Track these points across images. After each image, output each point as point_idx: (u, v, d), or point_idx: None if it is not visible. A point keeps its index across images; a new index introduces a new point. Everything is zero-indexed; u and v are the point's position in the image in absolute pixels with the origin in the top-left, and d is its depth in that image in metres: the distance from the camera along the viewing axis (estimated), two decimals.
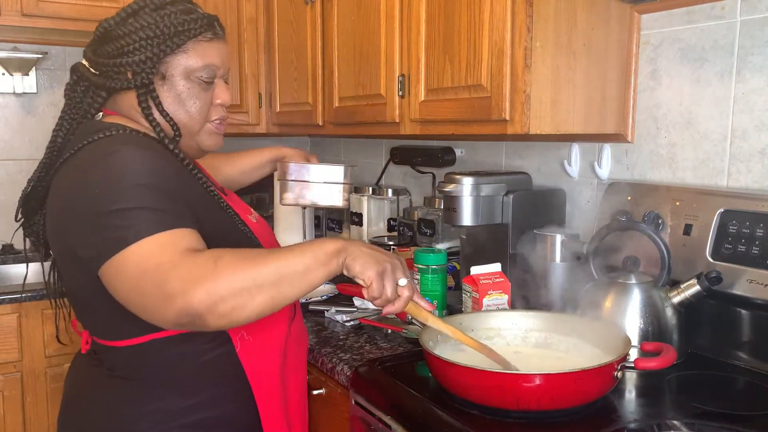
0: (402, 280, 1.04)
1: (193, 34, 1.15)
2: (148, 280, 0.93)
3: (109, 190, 0.99)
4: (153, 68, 1.13)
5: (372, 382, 1.28)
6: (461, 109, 1.53)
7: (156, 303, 0.93)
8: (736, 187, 1.40)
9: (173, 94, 1.16)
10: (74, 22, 2.38)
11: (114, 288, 0.98)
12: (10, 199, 2.70)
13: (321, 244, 1.00)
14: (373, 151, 2.70)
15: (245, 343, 1.14)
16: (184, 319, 0.92)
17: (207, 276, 0.92)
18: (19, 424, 2.16)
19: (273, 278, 0.95)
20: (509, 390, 1.05)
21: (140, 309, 0.96)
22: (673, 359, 1.12)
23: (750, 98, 1.37)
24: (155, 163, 1.04)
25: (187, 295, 0.90)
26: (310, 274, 0.97)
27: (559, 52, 1.42)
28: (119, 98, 1.17)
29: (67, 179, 1.07)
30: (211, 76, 1.18)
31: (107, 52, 1.14)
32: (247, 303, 0.93)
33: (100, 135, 1.07)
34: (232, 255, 0.95)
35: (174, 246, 0.95)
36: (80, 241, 1.01)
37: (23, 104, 2.72)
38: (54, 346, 2.19)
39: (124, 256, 0.95)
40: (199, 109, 1.18)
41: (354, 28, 1.95)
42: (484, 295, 1.50)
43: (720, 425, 1.06)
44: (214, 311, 0.92)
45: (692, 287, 1.31)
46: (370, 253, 1.02)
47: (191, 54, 1.16)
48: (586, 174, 1.74)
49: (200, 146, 1.23)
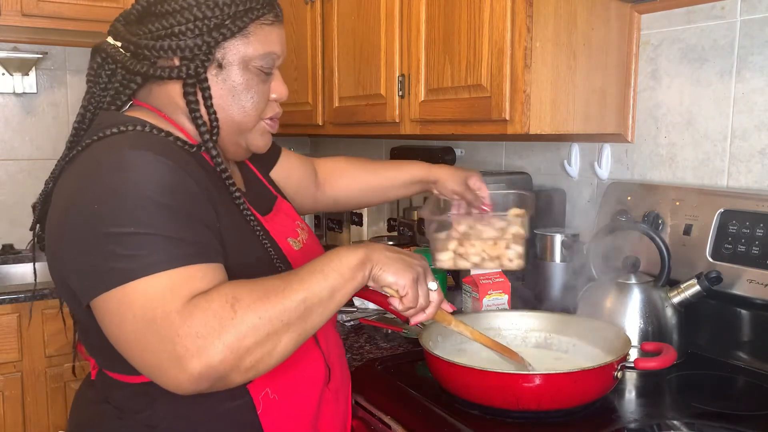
0: (432, 283, 0.95)
1: (255, 15, 0.96)
2: (154, 333, 0.76)
3: (111, 207, 0.80)
4: (208, 55, 0.94)
5: (372, 382, 1.28)
6: (461, 109, 1.53)
7: (164, 365, 0.76)
8: (736, 187, 1.40)
9: (227, 86, 0.97)
10: (74, 22, 2.39)
11: (108, 330, 0.82)
12: (10, 199, 2.72)
13: (341, 258, 0.87)
14: (373, 151, 2.70)
15: (269, 402, 0.96)
16: (203, 384, 0.77)
17: (226, 326, 0.76)
18: (19, 424, 2.16)
19: (299, 312, 0.81)
20: (509, 390, 1.04)
21: (143, 366, 0.80)
22: (674, 359, 1.12)
23: (750, 98, 1.37)
24: (175, 176, 0.84)
25: (205, 356, 0.75)
26: (336, 296, 0.85)
27: (559, 52, 1.42)
28: (156, 88, 0.98)
29: (66, 185, 0.89)
30: (270, 65, 1.00)
31: (149, 32, 0.94)
32: (276, 347, 0.80)
33: (113, 130, 0.89)
34: (250, 292, 0.80)
35: (188, 288, 0.78)
36: (70, 266, 0.84)
37: (23, 104, 2.72)
38: (54, 346, 2.19)
39: (124, 295, 0.78)
40: (255, 104, 0.99)
41: (354, 28, 1.95)
42: (484, 295, 1.50)
43: (720, 425, 1.05)
44: (239, 367, 0.77)
45: (692, 287, 1.31)
46: (398, 258, 0.91)
47: (252, 39, 0.97)
48: (586, 174, 1.74)
49: (249, 146, 1.04)
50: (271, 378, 0.95)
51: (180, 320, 0.76)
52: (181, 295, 0.77)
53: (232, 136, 1.00)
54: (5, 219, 2.73)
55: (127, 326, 0.78)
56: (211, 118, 0.96)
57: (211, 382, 0.77)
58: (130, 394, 0.93)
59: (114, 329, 0.80)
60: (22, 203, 2.72)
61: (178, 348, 0.75)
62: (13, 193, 2.73)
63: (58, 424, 2.21)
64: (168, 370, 0.76)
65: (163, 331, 0.76)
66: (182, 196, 0.84)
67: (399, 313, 0.94)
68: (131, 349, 0.80)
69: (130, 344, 0.79)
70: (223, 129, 0.98)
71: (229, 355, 0.76)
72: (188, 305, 0.77)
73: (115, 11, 2.49)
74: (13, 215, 2.73)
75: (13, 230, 2.73)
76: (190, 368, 0.75)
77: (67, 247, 0.84)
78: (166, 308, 0.76)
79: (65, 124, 2.80)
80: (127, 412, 0.94)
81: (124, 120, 0.92)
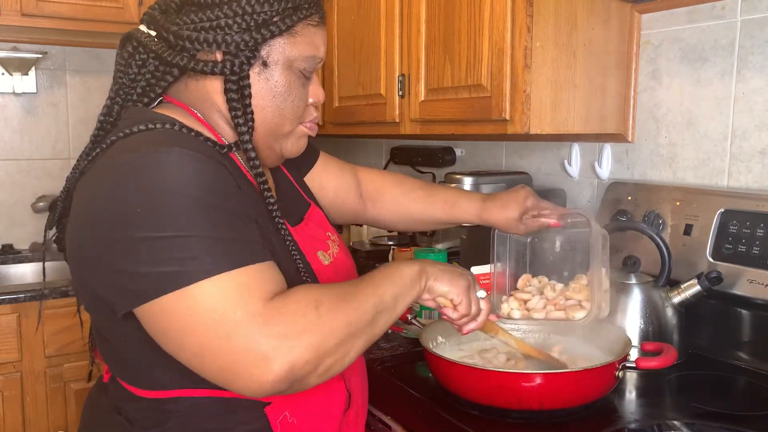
0: (481, 292, 0.98)
1: (303, 14, 0.92)
2: (234, 335, 0.73)
3: (150, 208, 0.75)
4: (254, 52, 0.89)
5: (372, 382, 1.28)
6: (461, 109, 1.53)
7: (247, 367, 0.73)
8: (737, 187, 1.40)
9: (269, 86, 0.91)
10: (74, 22, 2.38)
11: (163, 337, 0.78)
12: (9, 199, 2.72)
13: (401, 269, 0.90)
14: (373, 151, 2.70)
15: (287, 426, 0.92)
16: (284, 385, 0.75)
17: (311, 328, 0.76)
18: (18, 424, 2.16)
19: (371, 317, 0.82)
20: (510, 390, 1.04)
21: (216, 370, 0.76)
22: (674, 359, 1.12)
23: (750, 98, 1.37)
24: (216, 174, 0.80)
25: (292, 355, 0.74)
26: (399, 304, 0.87)
27: (559, 52, 1.42)
28: (193, 83, 0.92)
29: (89, 186, 0.82)
30: (312, 68, 0.96)
31: (191, 22, 0.88)
32: (349, 351, 0.80)
33: (140, 127, 0.83)
34: (331, 294, 0.80)
35: (262, 289, 0.76)
36: (104, 273, 0.79)
37: (23, 104, 2.72)
38: (54, 347, 2.18)
39: (185, 299, 0.74)
40: (294, 107, 0.95)
41: (354, 27, 1.95)
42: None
43: (720, 425, 1.05)
44: (318, 369, 0.77)
45: (692, 287, 1.30)
46: (450, 270, 0.95)
47: (299, 40, 0.93)
48: (586, 174, 1.74)
49: (283, 151, 0.99)
50: (290, 401, 0.92)
51: (264, 321, 0.74)
52: (258, 297, 0.75)
53: (266, 139, 0.95)
54: (5, 219, 2.73)
55: (192, 332, 0.74)
56: (248, 118, 0.91)
57: (291, 383, 0.75)
58: (143, 408, 0.89)
59: (173, 336, 0.76)
60: (22, 203, 2.72)
61: (264, 348, 0.73)
62: (12, 193, 2.73)
63: (57, 424, 2.21)
64: (252, 372, 0.73)
65: (248, 333, 0.73)
66: (224, 194, 0.79)
67: (452, 322, 0.99)
68: (199, 355, 0.75)
69: (199, 350, 0.75)
70: (258, 131, 0.93)
71: (313, 357, 0.75)
72: (269, 306, 0.75)
73: (115, 11, 2.51)
74: (13, 215, 2.73)
75: (13, 230, 2.73)
76: (276, 368, 0.73)
77: (98, 251, 0.78)
78: (247, 309, 0.74)
79: (65, 124, 2.80)
80: (137, 426, 0.90)
81: (152, 117, 0.86)
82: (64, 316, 2.18)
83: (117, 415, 0.92)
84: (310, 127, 1.00)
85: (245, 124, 0.90)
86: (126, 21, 2.43)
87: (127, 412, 0.91)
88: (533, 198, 1.22)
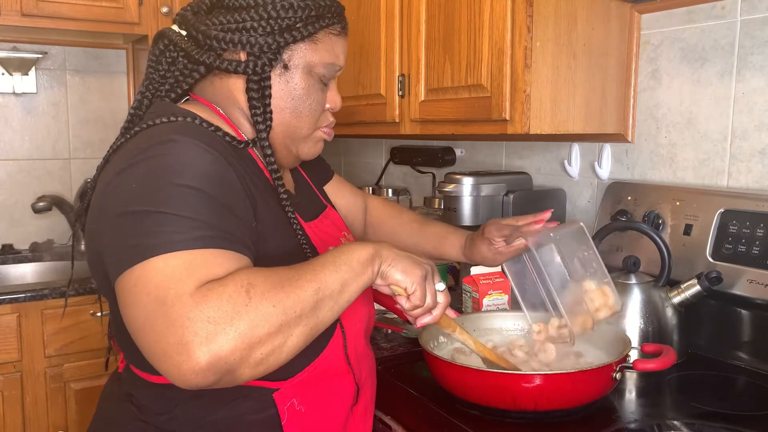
0: (440, 284, 0.93)
1: (326, 23, 0.98)
2: (163, 315, 0.71)
3: (146, 186, 0.78)
4: (276, 54, 0.94)
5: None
6: (461, 109, 1.53)
7: (169, 350, 0.70)
8: (737, 187, 1.40)
9: (288, 88, 0.96)
10: (74, 22, 2.38)
11: (123, 311, 0.77)
12: (9, 199, 2.72)
13: (352, 252, 0.84)
14: (373, 151, 2.70)
15: (294, 414, 0.92)
16: (209, 377, 0.70)
17: (239, 312, 0.71)
18: (18, 424, 2.16)
19: (312, 304, 0.77)
20: (508, 390, 1.04)
21: (148, 351, 0.73)
22: (673, 361, 1.12)
23: (750, 98, 1.37)
24: (216, 166, 0.82)
25: (215, 343, 0.69)
26: (346, 291, 0.82)
27: (559, 52, 1.42)
28: (218, 81, 0.97)
29: (109, 169, 0.86)
30: (331, 75, 1.01)
31: (219, 23, 0.94)
32: (287, 341, 0.75)
33: (163, 119, 0.88)
34: (265, 279, 0.75)
35: (204, 271, 0.73)
36: (104, 245, 0.81)
37: (23, 104, 2.72)
38: (54, 346, 2.18)
39: (141, 273, 0.73)
40: (312, 111, 0.99)
41: (354, 27, 1.94)
42: (484, 296, 1.49)
43: (720, 425, 1.05)
44: (248, 360, 0.72)
45: (692, 287, 1.30)
46: (406, 256, 0.89)
47: (320, 47, 0.98)
48: (586, 174, 1.74)
49: (299, 154, 1.03)
50: (297, 389, 0.92)
51: (192, 303, 0.70)
52: (197, 278, 0.72)
53: (283, 139, 0.99)
54: (5, 219, 2.73)
55: (139, 306, 0.73)
56: (267, 117, 0.95)
57: (218, 375, 0.70)
58: (153, 394, 0.90)
59: (127, 309, 0.75)
60: (22, 203, 2.72)
61: (186, 333, 0.69)
62: (12, 193, 2.73)
63: (57, 424, 2.21)
64: (172, 356, 0.69)
65: (173, 314, 0.70)
66: (219, 185, 0.81)
67: (405, 313, 0.92)
68: (139, 331, 0.74)
69: (140, 326, 0.73)
70: (275, 130, 0.98)
71: (240, 345, 0.70)
72: (202, 288, 0.72)
73: (115, 11, 2.51)
74: (13, 215, 2.73)
75: (13, 230, 2.73)
76: (197, 356, 0.68)
77: (103, 225, 0.81)
78: (179, 290, 0.71)
79: (65, 124, 2.80)
80: (147, 413, 0.91)
81: (175, 111, 0.90)
82: (64, 316, 2.18)
83: (129, 403, 0.93)
84: (327, 132, 1.05)
85: (264, 122, 0.95)
86: (126, 21, 2.43)
87: (138, 399, 0.92)
88: (490, 226, 1.19)
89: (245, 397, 0.89)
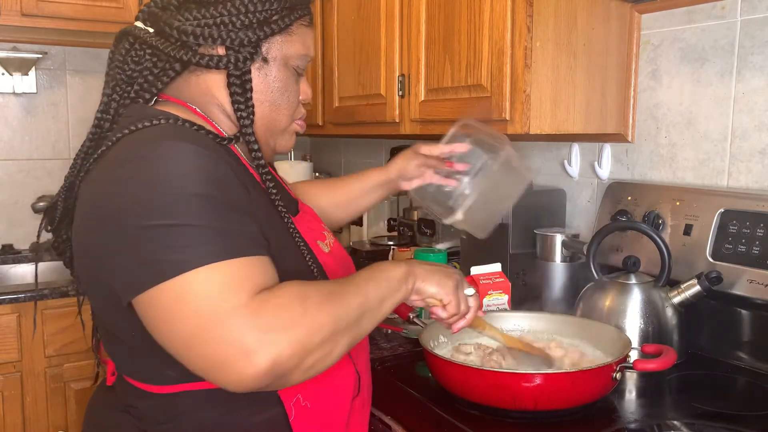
0: (469, 290, 1.00)
1: (299, 14, 0.97)
2: (219, 326, 0.73)
3: (153, 199, 0.76)
4: (257, 48, 0.93)
5: (372, 382, 1.28)
6: (461, 109, 1.53)
7: (229, 359, 0.72)
8: (737, 187, 1.40)
9: (267, 81, 0.96)
10: (74, 22, 2.39)
11: (156, 326, 0.77)
12: (9, 199, 2.72)
13: (387, 270, 0.90)
14: (373, 151, 2.70)
15: (301, 410, 0.93)
16: (266, 380, 0.74)
17: (297, 322, 0.75)
18: (18, 424, 2.16)
19: (356, 316, 0.82)
20: (509, 390, 1.04)
21: (200, 362, 0.75)
22: (673, 361, 1.12)
23: (750, 98, 1.37)
24: (217, 168, 0.81)
25: (275, 349, 0.73)
26: (384, 305, 0.87)
27: (559, 52, 1.42)
28: (192, 78, 0.94)
29: (99, 181, 0.84)
30: (304, 66, 1.01)
31: (193, 18, 0.90)
32: (334, 349, 0.79)
33: (145, 123, 0.85)
34: (317, 291, 0.80)
35: (251, 282, 0.76)
36: (108, 263, 0.80)
37: (23, 104, 2.72)
38: (54, 346, 2.19)
39: (178, 287, 0.74)
40: (289, 103, 0.99)
41: (354, 27, 1.95)
42: (484, 296, 1.49)
43: (720, 425, 1.05)
44: (301, 365, 0.76)
45: (692, 287, 1.30)
46: (437, 270, 0.95)
47: (295, 38, 0.97)
48: (586, 174, 1.74)
49: (276, 146, 1.04)
50: (302, 384, 0.91)
51: (249, 314, 0.73)
52: (246, 289, 0.75)
53: (263, 133, 0.99)
54: (5, 219, 2.73)
55: (183, 321, 0.74)
56: (250, 111, 0.94)
57: (273, 378, 0.74)
58: (155, 404, 0.89)
59: (164, 324, 0.76)
60: (22, 203, 2.72)
61: (247, 341, 0.72)
62: (12, 193, 2.73)
63: (57, 424, 2.21)
64: (234, 364, 0.72)
65: (230, 325, 0.72)
66: (226, 188, 0.81)
67: (441, 321, 1.01)
68: (188, 344, 0.75)
69: (187, 340, 0.74)
70: (256, 124, 0.97)
71: (298, 351, 0.74)
72: (257, 299, 0.74)
73: (115, 11, 2.51)
74: (13, 215, 2.73)
75: (13, 230, 2.73)
76: (258, 362, 0.72)
77: (104, 243, 0.80)
78: (232, 302, 0.73)
79: (65, 123, 2.80)
80: (149, 422, 0.90)
81: (155, 113, 0.88)
82: (64, 316, 2.18)
83: (125, 413, 0.92)
84: (301, 125, 1.06)
85: (248, 117, 0.94)
86: (126, 21, 2.43)
87: (138, 409, 0.91)
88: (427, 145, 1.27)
89: (250, 398, 0.89)
